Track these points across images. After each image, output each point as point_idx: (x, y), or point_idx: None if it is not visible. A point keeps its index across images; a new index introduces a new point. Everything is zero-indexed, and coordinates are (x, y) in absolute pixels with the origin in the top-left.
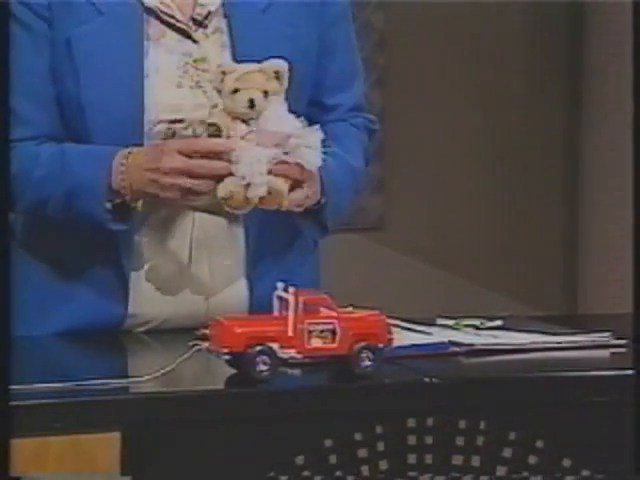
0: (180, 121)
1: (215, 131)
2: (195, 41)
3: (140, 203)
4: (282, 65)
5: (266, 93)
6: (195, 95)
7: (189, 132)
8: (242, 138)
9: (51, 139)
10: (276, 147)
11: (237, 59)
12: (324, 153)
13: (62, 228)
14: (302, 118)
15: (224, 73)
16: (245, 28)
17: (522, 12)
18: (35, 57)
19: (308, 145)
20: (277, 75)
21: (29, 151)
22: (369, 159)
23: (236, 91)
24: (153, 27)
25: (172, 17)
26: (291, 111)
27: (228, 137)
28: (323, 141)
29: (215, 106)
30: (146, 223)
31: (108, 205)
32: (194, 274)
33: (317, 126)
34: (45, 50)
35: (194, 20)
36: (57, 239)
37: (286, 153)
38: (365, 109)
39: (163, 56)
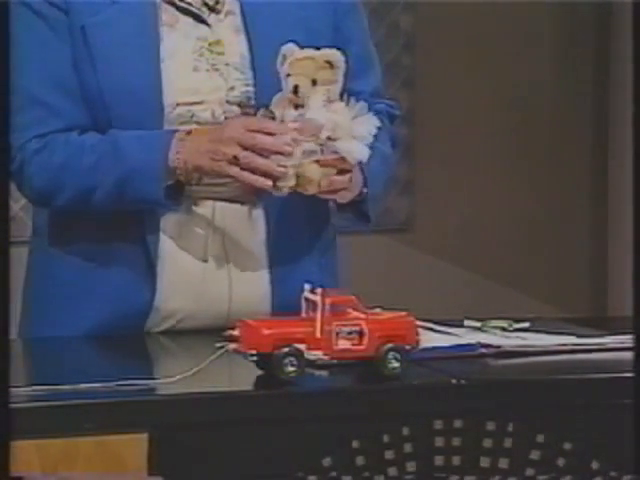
0: (198, 103)
1: (269, 113)
2: (209, 25)
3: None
4: (334, 54)
5: (314, 82)
6: (212, 78)
7: (208, 114)
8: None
9: (82, 128)
10: (313, 137)
11: (252, 42)
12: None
13: (89, 219)
14: (362, 104)
15: (284, 57)
16: (258, 11)
17: (550, 12)
18: (59, 48)
19: (354, 136)
20: (330, 64)
21: (71, 141)
22: (395, 144)
23: (288, 76)
24: (166, 13)
25: (185, 2)
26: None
27: (282, 121)
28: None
29: (232, 88)
30: (168, 215)
31: (164, 185)
32: (215, 265)
33: (370, 115)
34: (67, 40)
35: (206, 5)
36: (83, 231)
37: (330, 138)
38: (384, 95)
39: (178, 41)
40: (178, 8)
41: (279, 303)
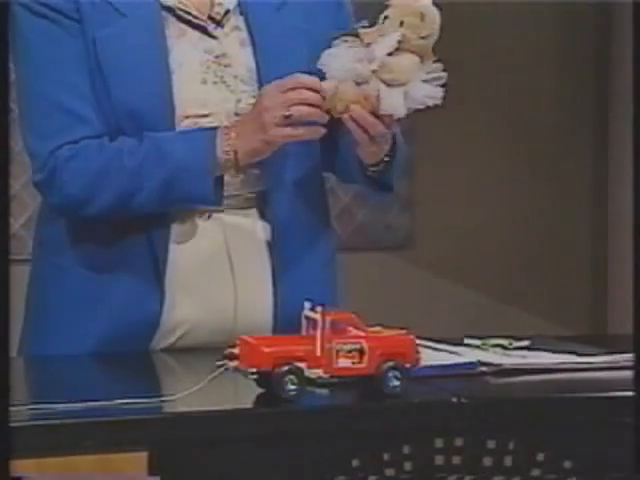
0: (206, 116)
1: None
2: (215, 38)
3: None
4: (430, 9)
5: (402, 23)
6: (219, 90)
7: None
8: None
9: (108, 135)
10: (364, 64)
11: (258, 55)
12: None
13: (97, 229)
14: (441, 74)
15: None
16: (263, 25)
17: (551, 12)
18: (77, 56)
19: (407, 91)
20: (422, 16)
21: (106, 146)
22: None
23: (387, 7)
24: (173, 26)
25: (191, 15)
26: None
27: (367, 46)
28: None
29: (239, 100)
30: (175, 226)
31: (212, 180)
32: (221, 276)
33: (437, 88)
34: (82, 50)
35: (212, 19)
36: (90, 241)
37: (379, 77)
38: None
39: (186, 53)
40: (185, 21)
41: (281, 315)
